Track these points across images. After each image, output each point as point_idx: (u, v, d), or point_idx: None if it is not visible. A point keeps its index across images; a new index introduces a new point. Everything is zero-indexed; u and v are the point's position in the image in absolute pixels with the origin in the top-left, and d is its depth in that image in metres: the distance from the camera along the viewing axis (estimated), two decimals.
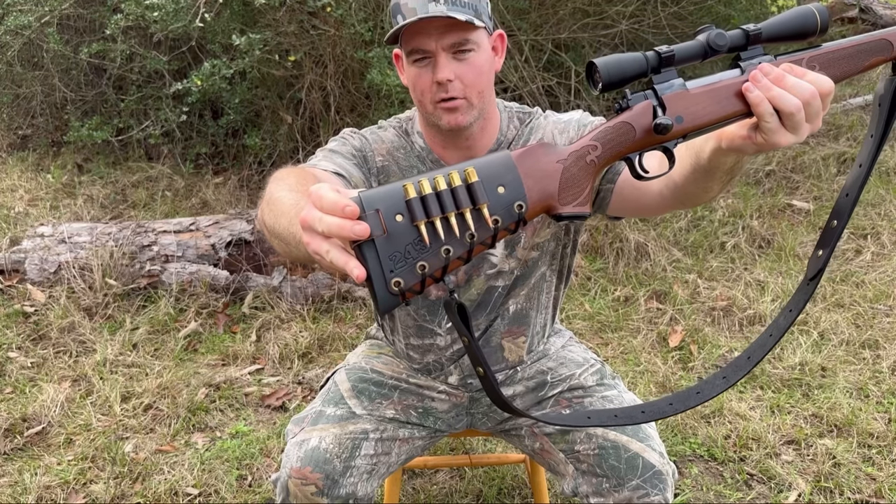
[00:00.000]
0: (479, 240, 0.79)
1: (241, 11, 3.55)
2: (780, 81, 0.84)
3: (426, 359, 1.49)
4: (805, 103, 0.83)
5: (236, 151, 4.32)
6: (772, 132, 0.84)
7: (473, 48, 1.24)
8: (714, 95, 0.87)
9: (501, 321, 1.47)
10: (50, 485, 2.09)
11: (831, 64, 0.90)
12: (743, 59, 0.89)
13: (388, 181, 1.35)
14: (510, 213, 0.80)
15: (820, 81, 0.85)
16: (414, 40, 1.24)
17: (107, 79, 4.31)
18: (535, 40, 3.86)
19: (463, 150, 1.36)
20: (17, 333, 2.82)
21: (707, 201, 1.11)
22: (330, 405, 1.44)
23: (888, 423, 2.28)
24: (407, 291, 0.77)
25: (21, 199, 4.00)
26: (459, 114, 1.27)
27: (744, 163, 0.99)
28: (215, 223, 3.17)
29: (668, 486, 1.33)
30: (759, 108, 0.84)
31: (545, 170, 0.84)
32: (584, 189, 0.85)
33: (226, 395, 2.51)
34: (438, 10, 1.19)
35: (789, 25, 0.88)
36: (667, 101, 0.87)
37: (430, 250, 0.77)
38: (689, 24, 4.10)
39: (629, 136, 0.87)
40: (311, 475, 1.33)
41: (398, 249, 0.76)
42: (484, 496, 2.04)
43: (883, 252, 3.33)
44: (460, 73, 1.24)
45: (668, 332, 2.81)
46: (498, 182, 0.80)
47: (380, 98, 3.58)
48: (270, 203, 1.02)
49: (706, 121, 0.87)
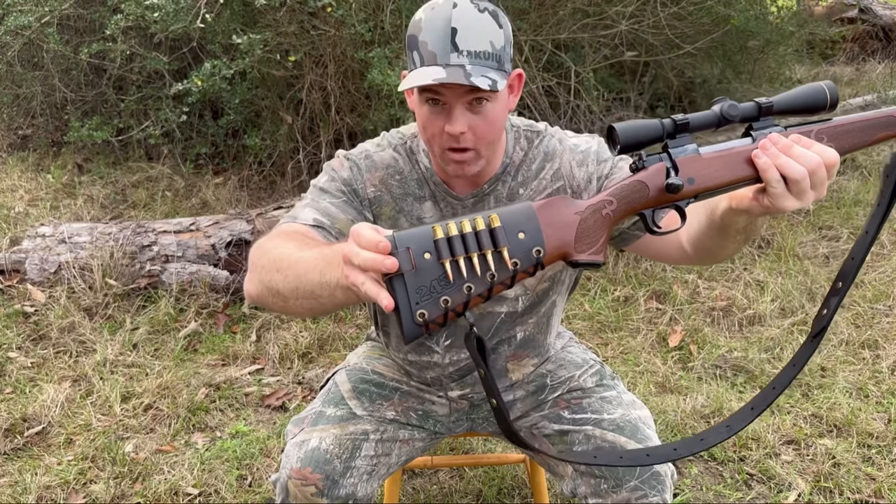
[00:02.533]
0: (499, 280, 0.87)
1: (241, 12, 3.55)
2: (787, 150, 0.90)
3: (425, 374, 1.48)
4: (811, 172, 0.89)
5: (236, 152, 4.33)
6: (778, 197, 0.90)
7: (490, 99, 1.17)
8: (725, 160, 0.93)
9: (508, 347, 1.45)
10: (50, 485, 2.09)
11: (839, 137, 0.96)
12: (755, 128, 0.95)
13: (380, 211, 1.32)
14: (529, 258, 0.88)
15: (826, 153, 0.90)
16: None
17: (107, 79, 4.31)
18: (534, 40, 3.86)
19: (468, 177, 1.29)
20: (18, 333, 2.82)
21: (724, 259, 1.16)
22: (330, 406, 1.44)
23: (888, 423, 2.28)
24: (431, 323, 0.85)
25: (21, 200, 4.01)
26: (467, 166, 1.22)
27: (757, 226, 1.04)
28: (215, 223, 3.17)
29: (667, 487, 1.33)
30: (767, 174, 0.90)
31: (564, 220, 0.92)
32: (599, 239, 0.93)
33: (226, 395, 2.52)
34: (458, 66, 1.11)
35: (800, 100, 0.94)
36: (680, 164, 0.94)
37: (454, 286, 0.85)
38: (688, 24, 4.10)
39: (643, 193, 0.94)
40: (311, 476, 1.33)
41: (425, 284, 0.85)
42: (484, 496, 2.04)
43: (882, 252, 3.33)
44: (474, 125, 1.18)
45: (667, 332, 2.82)
46: (519, 229, 0.88)
47: (380, 98, 3.58)
48: (282, 268, 1.06)
49: (716, 183, 0.94)
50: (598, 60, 4.03)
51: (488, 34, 1.14)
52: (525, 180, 1.34)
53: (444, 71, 1.12)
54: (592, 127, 4.04)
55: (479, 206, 1.33)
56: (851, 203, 3.76)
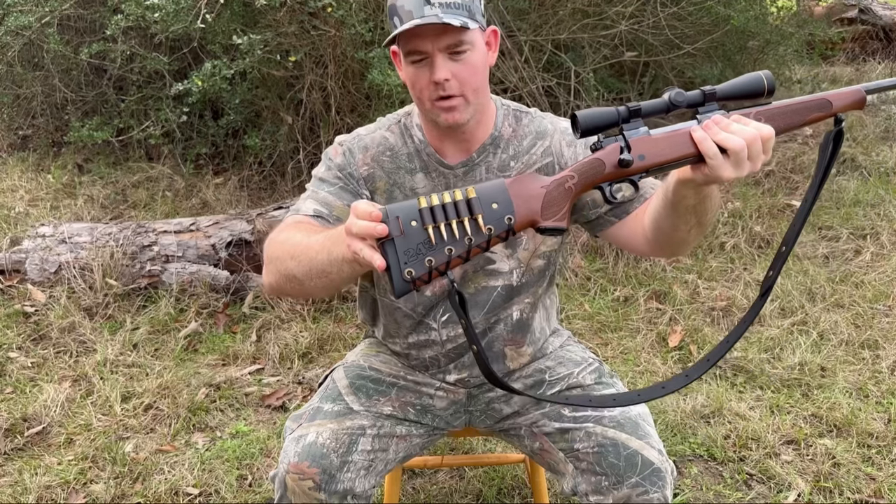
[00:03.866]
0: (476, 243, 1.01)
1: (241, 12, 3.55)
2: (727, 127, 1.03)
3: (424, 354, 1.50)
4: (748, 143, 1.01)
5: (236, 152, 4.33)
6: (716, 167, 1.03)
7: (468, 48, 1.27)
8: (671, 139, 1.07)
9: (504, 327, 1.48)
10: (50, 485, 2.10)
11: (775, 117, 1.09)
12: (700, 112, 1.07)
13: (374, 186, 1.41)
14: (501, 224, 1.03)
15: (762, 128, 1.03)
16: (411, 42, 1.27)
17: (107, 79, 4.31)
18: (534, 41, 3.86)
19: (460, 143, 1.40)
20: (18, 333, 2.82)
21: (682, 246, 1.28)
22: (328, 401, 1.45)
23: (887, 423, 2.28)
24: (417, 280, 1.00)
25: (21, 200, 4.01)
26: (457, 112, 1.31)
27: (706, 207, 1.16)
28: (215, 223, 3.17)
29: (667, 484, 1.33)
30: (704, 146, 1.03)
31: (531, 193, 1.07)
32: (562, 208, 1.08)
33: (226, 395, 2.52)
34: (433, 14, 1.23)
35: (741, 87, 1.07)
36: (632, 144, 1.08)
37: (436, 248, 1.00)
38: (688, 24, 4.10)
39: (600, 169, 1.09)
40: (309, 470, 1.33)
41: (412, 247, 1.00)
42: (484, 496, 2.04)
43: (882, 252, 3.34)
44: (456, 72, 1.28)
45: (667, 332, 2.82)
46: (493, 200, 1.03)
47: (380, 98, 3.58)
48: (295, 255, 1.21)
49: (664, 159, 1.07)
50: (597, 61, 4.04)
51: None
52: (516, 154, 1.42)
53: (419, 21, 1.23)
54: None
55: (469, 176, 1.41)
56: (851, 203, 3.77)
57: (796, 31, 4.88)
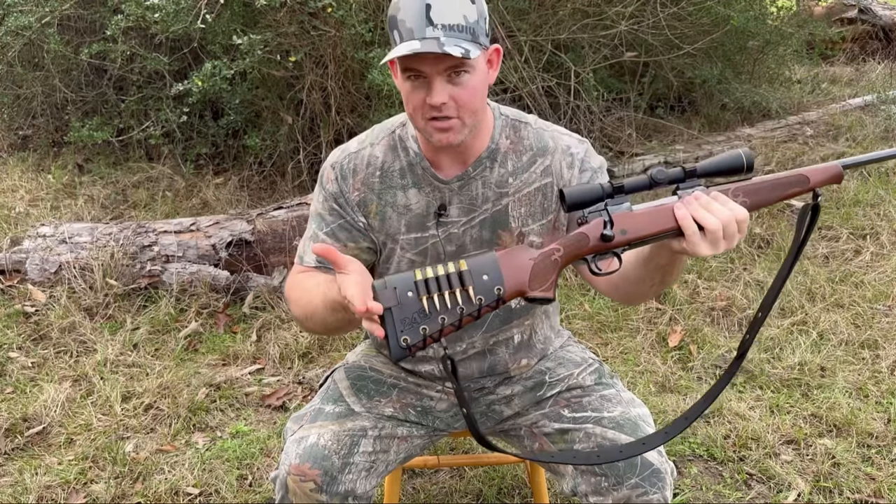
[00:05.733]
0: (467, 313, 1.10)
1: (241, 12, 3.55)
2: (707, 206, 1.08)
3: (421, 368, 1.50)
4: (724, 225, 1.06)
5: (237, 152, 4.33)
6: (694, 244, 1.08)
7: (468, 70, 1.23)
8: (653, 215, 1.12)
9: (506, 350, 1.48)
10: (50, 484, 2.10)
11: (754, 193, 1.13)
12: (681, 188, 1.12)
13: (367, 210, 1.41)
14: (491, 294, 1.11)
15: (737, 211, 1.08)
16: (409, 61, 1.23)
17: (107, 79, 4.31)
18: (534, 41, 3.86)
19: (456, 156, 1.37)
20: (18, 333, 2.82)
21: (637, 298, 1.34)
22: (329, 403, 1.45)
23: (887, 422, 2.28)
24: (413, 347, 1.08)
25: (22, 200, 4.01)
26: (451, 133, 1.27)
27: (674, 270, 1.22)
28: (216, 223, 3.17)
29: (667, 485, 1.33)
30: (684, 223, 1.08)
31: (520, 265, 1.14)
32: (549, 279, 1.15)
33: (226, 395, 2.52)
34: (433, 38, 1.18)
35: (721, 165, 1.12)
36: (615, 219, 1.14)
37: (430, 318, 1.08)
38: (688, 24, 4.10)
39: (585, 242, 1.15)
40: (310, 471, 1.34)
41: (407, 316, 1.08)
42: (484, 496, 2.05)
43: (882, 252, 3.34)
44: (455, 95, 1.24)
45: (667, 332, 2.82)
46: (483, 272, 1.11)
47: (380, 98, 3.58)
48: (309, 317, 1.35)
49: (646, 233, 1.13)
50: (597, 61, 4.04)
51: (462, 8, 1.21)
52: (515, 170, 1.39)
53: (420, 44, 1.19)
54: (592, 127, 4.04)
55: (464, 191, 1.38)
56: (851, 203, 3.77)
57: (796, 31, 4.89)
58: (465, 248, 1.39)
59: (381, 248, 1.43)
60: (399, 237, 1.40)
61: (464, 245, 1.39)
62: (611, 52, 4.11)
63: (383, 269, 1.45)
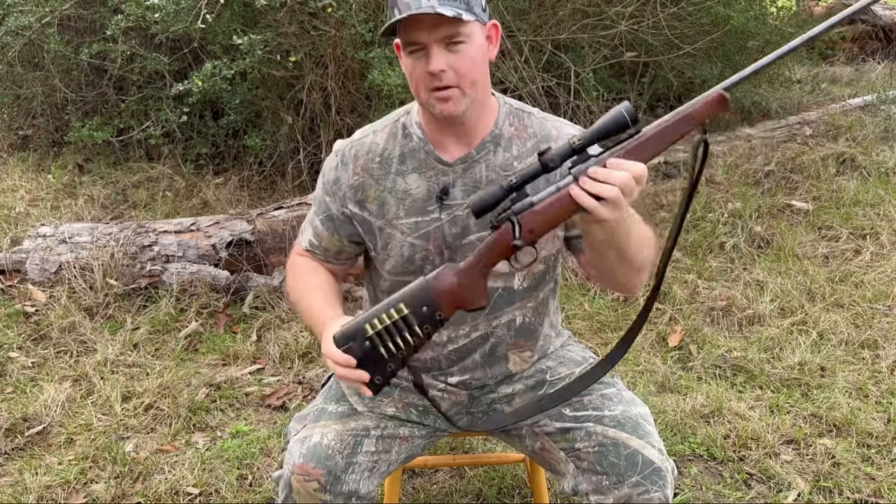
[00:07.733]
0: (419, 342, 1.26)
1: (241, 12, 3.55)
2: (605, 177, 1.13)
3: (424, 355, 1.50)
4: (622, 187, 1.12)
5: (237, 152, 4.33)
6: (597, 215, 1.14)
7: (465, 40, 1.27)
8: (554, 205, 1.19)
9: (507, 331, 1.47)
10: (50, 484, 2.10)
11: (647, 148, 1.16)
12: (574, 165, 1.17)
13: (365, 195, 1.44)
14: (433, 320, 1.25)
15: (634, 168, 1.13)
16: (408, 33, 1.28)
17: (107, 79, 4.31)
18: (534, 41, 3.86)
19: (460, 137, 1.39)
20: (18, 333, 2.83)
21: (611, 278, 1.37)
22: (332, 402, 1.45)
23: (887, 422, 2.29)
24: (384, 383, 1.27)
25: (22, 200, 4.01)
26: (452, 103, 1.30)
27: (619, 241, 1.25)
28: (216, 223, 3.17)
29: (668, 483, 1.34)
30: (581, 201, 1.14)
31: (448, 287, 1.25)
32: (479, 288, 1.26)
33: (226, 395, 2.52)
34: (428, 5, 1.23)
35: (605, 128, 1.15)
36: (522, 220, 1.20)
37: (392, 357, 1.25)
38: (688, 24, 4.10)
39: (498, 248, 1.23)
40: (314, 471, 1.34)
41: (373, 360, 1.25)
42: (484, 496, 2.05)
43: (882, 252, 3.34)
44: (453, 63, 1.28)
45: (667, 331, 2.82)
46: (422, 304, 1.25)
47: (380, 98, 3.58)
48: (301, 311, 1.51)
49: (552, 224, 1.20)
50: (597, 61, 4.04)
51: None
52: (520, 155, 1.41)
53: (413, 11, 1.24)
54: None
55: (468, 173, 1.40)
56: (851, 203, 3.77)
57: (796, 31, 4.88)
58: (468, 230, 1.40)
59: (377, 234, 1.44)
60: (397, 222, 1.42)
61: (467, 227, 1.40)
62: (611, 52, 4.10)
63: (383, 255, 1.45)
